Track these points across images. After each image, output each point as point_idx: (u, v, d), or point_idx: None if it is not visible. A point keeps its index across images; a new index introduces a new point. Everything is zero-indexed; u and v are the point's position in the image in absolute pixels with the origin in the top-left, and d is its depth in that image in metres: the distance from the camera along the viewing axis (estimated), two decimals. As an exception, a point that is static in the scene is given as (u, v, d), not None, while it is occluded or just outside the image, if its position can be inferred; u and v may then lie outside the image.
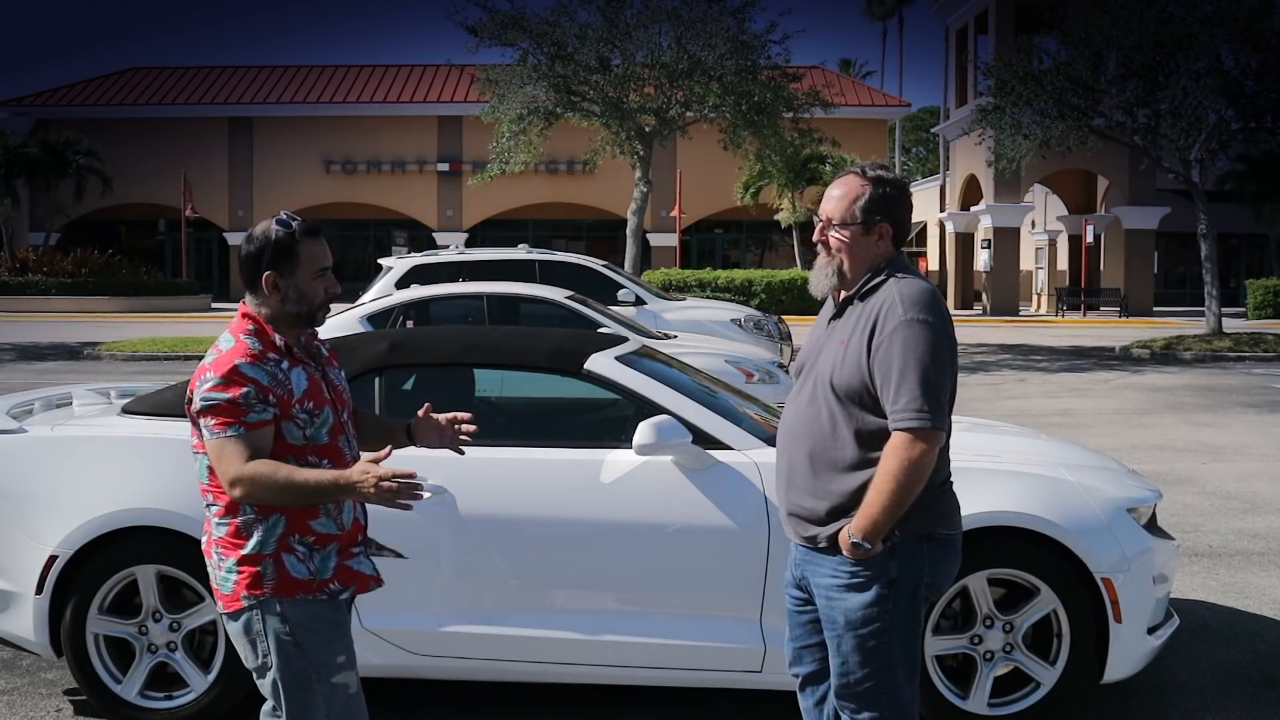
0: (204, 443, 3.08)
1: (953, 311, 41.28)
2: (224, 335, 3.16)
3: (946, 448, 3.31)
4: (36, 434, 4.88)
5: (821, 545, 3.30)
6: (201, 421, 3.06)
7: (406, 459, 4.64)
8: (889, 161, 50.01)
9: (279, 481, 3.02)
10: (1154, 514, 4.97)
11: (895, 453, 3.14)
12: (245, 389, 3.04)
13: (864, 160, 3.77)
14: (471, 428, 3.48)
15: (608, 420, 5.52)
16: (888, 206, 3.32)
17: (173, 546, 4.62)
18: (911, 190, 3.33)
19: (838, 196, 3.35)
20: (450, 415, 3.47)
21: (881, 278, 3.31)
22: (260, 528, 3.12)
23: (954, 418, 6.36)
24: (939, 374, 3.15)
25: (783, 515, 3.44)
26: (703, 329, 14.12)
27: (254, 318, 3.18)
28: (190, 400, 3.11)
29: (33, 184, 41.66)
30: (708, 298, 27.68)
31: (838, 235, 3.34)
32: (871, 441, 3.23)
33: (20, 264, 39.23)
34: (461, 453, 3.53)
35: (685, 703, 4.93)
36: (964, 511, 4.42)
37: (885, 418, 3.21)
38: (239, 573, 3.12)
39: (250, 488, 3.03)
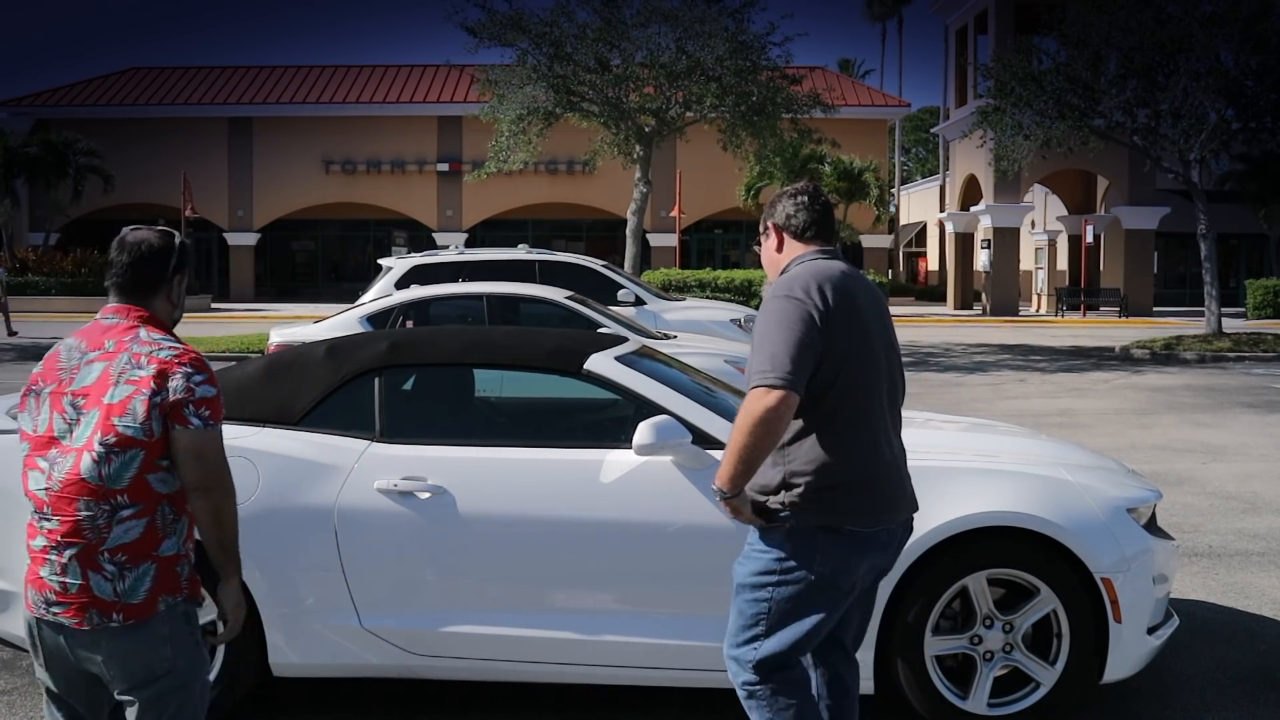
0: (189, 435, 2.93)
1: (952, 311, 41.32)
2: (151, 336, 3.02)
3: (861, 446, 3.41)
4: (36, 434, 4.87)
5: None
6: (196, 412, 2.94)
7: (417, 459, 4.65)
8: (888, 162, 50.02)
9: (234, 505, 3.09)
10: (1154, 514, 4.98)
11: (744, 407, 3.32)
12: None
13: (863, 162, 3.87)
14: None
15: (608, 420, 5.52)
16: (771, 210, 3.69)
17: (173, 546, 4.61)
18: (799, 187, 3.65)
19: None
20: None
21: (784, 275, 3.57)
22: (177, 528, 3.03)
23: (953, 418, 6.39)
24: (790, 341, 3.31)
25: None
26: (702, 329, 14.12)
27: (162, 324, 3.09)
28: (163, 394, 2.94)
29: (33, 184, 41.67)
30: (707, 298, 27.68)
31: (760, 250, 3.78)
32: None
33: (20, 264, 39.24)
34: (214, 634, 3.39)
35: (685, 703, 4.93)
36: (964, 511, 4.48)
37: None
38: (154, 578, 2.97)
39: (224, 489, 3.02)
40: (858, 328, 3.42)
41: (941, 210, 48.51)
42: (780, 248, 3.64)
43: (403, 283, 13.84)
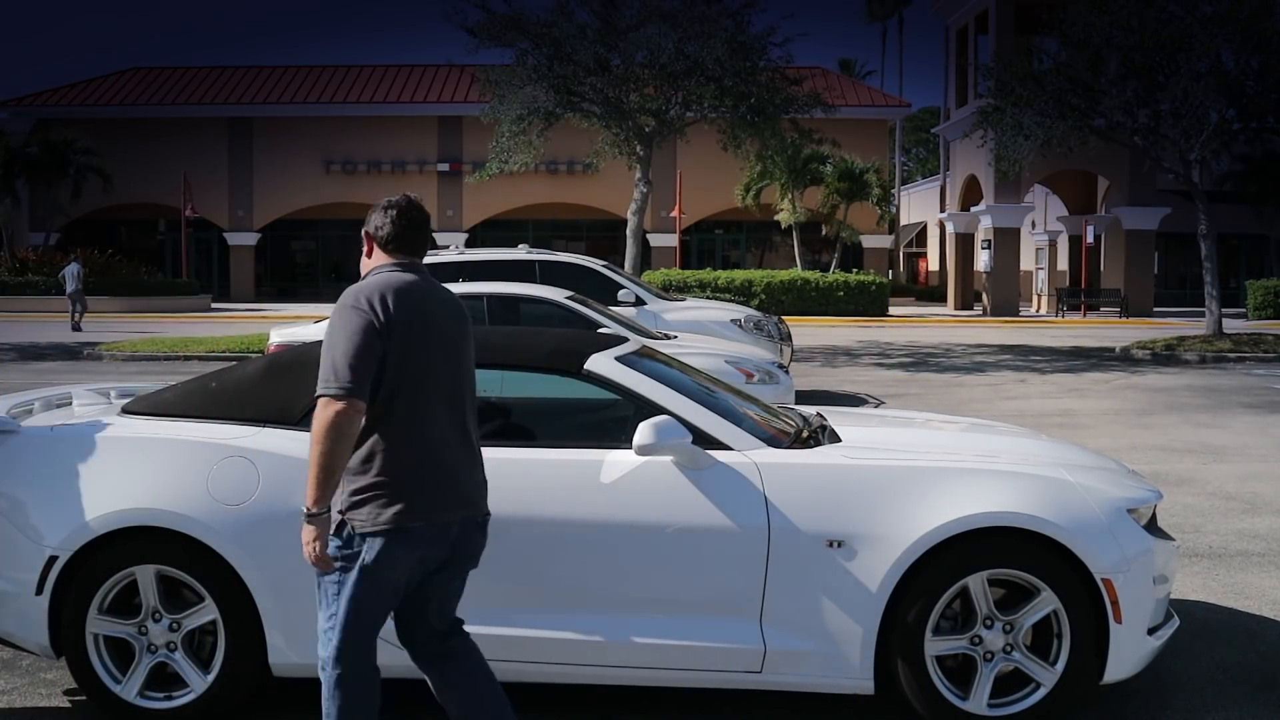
0: None
1: (953, 311, 41.32)
2: None
3: (410, 447, 3.60)
4: (36, 434, 4.88)
5: None
6: None
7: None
8: (889, 162, 50.05)
9: None
10: (1154, 514, 4.97)
11: (314, 419, 3.51)
12: None
13: (865, 162, 3.83)
14: None
15: (608, 420, 5.52)
16: (369, 217, 3.87)
17: (173, 546, 4.61)
18: (393, 201, 3.88)
19: None
20: None
21: None
22: None
23: (953, 418, 6.38)
24: (350, 349, 3.51)
25: None
26: (702, 329, 14.12)
27: None
28: None
29: (33, 184, 41.65)
30: (708, 298, 27.72)
31: None
32: None
33: (20, 264, 39.23)
34: None
35: (685, 703, 4.93)
36: (964, 511, 4.48)
37: None
38: None
39: None
40: (416, 338, 3.63)
41: (942, 210, 48.51)
42: (370, 254, 3.84)
43: (403, 283, 13.82)
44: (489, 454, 4.70)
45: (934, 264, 56.58)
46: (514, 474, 4.63)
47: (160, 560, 4.63)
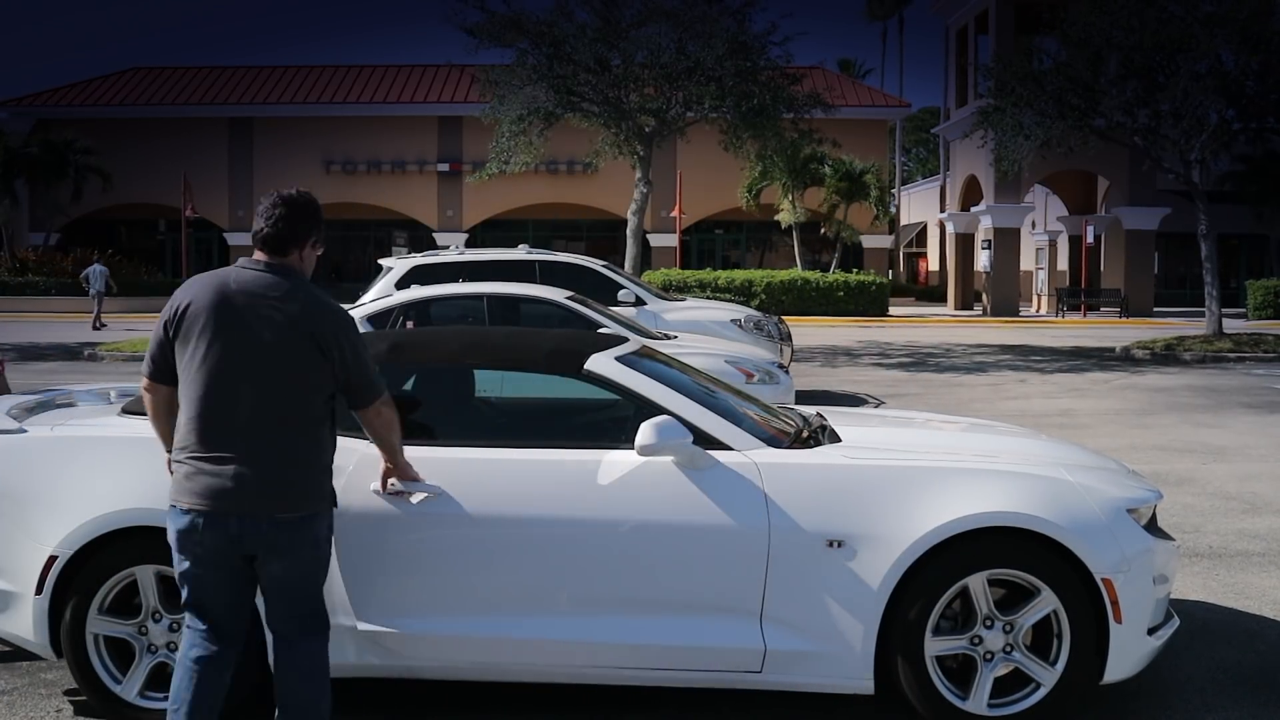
0: None
1: (953, 312, 41.30)
2: None
3: (196, 435, 3.88)
4: (36, 434, 4.88)
5: None
6: None
7: (416, 459, 4.64)
8: (889, 162, 50.05)
9: None
10: (1154, 514, 4.97)
11: None
12: None
13: (864, 163, 3.82)
14: None
15: (608, 420, 5.52)
16: None
17: (173, 546, 4.61)
18: (271, 194, 4.03)
19: None
20: None
21: None
22: None
23: (953, 418, 6.39)
24: (153, 337, 4.04)
25: None
26: (703, 329, 14.12)
27: None
28: None
29: (33, 184, 41.65)
30: (708, 298, 27.72)
31: None
32: None
33: (20, 264, 39.24)
34: None
35: (685, 703, 4.93)
36: (964, 511, 4.48)
37: None
38: None
39: None
40: (204, 333, 3.88)
41: (942, 210, 48.52)
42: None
43: (403, 283, 13.82)
44: (488, 454, 4.71)
45: (934, 264, 56.60)
46: (514, 474, 4.63)
47: (160, 560, 4.62)
